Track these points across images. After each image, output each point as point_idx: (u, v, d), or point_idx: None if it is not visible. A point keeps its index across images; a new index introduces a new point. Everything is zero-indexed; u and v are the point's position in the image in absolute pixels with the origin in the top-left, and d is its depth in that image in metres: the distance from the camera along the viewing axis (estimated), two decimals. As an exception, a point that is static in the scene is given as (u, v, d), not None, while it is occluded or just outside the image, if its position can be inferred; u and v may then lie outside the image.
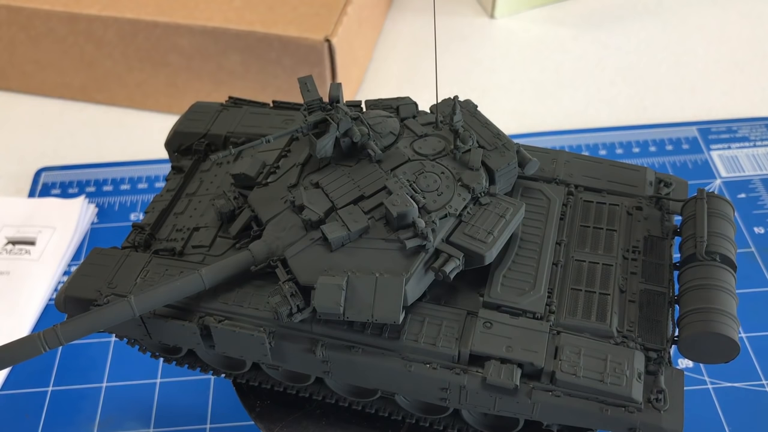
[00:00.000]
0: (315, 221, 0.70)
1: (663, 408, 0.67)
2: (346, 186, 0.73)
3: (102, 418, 0.94)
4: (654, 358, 0.69)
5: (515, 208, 0.72)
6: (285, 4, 1.23)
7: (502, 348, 0.68)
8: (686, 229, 0.77)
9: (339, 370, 0.72)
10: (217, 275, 0.71)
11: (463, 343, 0.68)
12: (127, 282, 0.75)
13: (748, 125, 1.27)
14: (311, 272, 0.68)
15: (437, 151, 0.75)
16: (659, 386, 0.67)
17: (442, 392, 0.70)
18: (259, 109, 0.92)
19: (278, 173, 0.78)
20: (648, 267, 0.76)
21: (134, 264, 0.77)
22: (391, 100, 0.82)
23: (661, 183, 0.83)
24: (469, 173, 0.73)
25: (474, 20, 1.52)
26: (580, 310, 0.71)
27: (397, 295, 0.66)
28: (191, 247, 0.78)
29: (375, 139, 0.75)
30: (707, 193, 0.78)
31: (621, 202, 0.80)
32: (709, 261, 0.72)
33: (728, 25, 1.49)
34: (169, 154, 0.93)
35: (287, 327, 0.71)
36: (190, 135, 0.90)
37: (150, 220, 0.82)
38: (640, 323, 0.72)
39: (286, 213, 0.73)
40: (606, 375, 0.67)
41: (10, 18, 1.26)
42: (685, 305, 0.71)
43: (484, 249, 0.69)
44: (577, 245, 0.77)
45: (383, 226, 0.70)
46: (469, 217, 0.71)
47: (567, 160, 0.84)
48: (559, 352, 0.68)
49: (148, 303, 0.70)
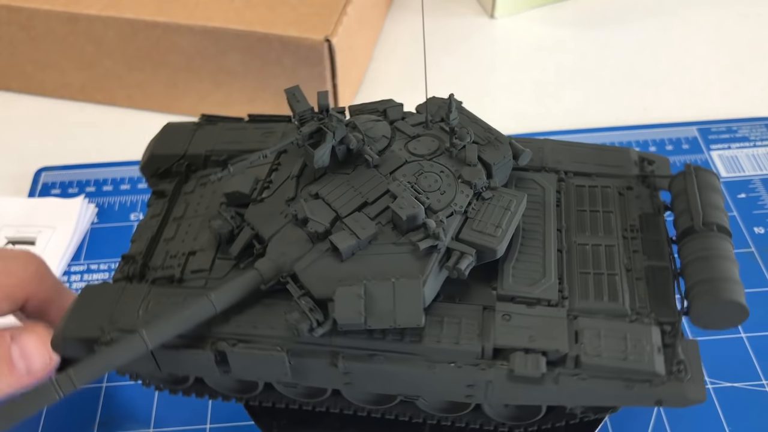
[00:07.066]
0: (321, 233, 0.69)
1: (685, 378, 0.68)
2: (348, 194, 0.72)
3: (102, 418, 0.93)
4: (668, 331, 0.71)
5: (518, 200, 0.73)
6: (285, 4, 1.23)
7: (525, 338, 0.68)
8: (679, 204, 0.78)
9: (361, 380, 0.71)
10: (227, 298, 0.69)
11: (486, 339, 0.68)
12: (129, 315, 0.72)
13: (748, 125, 1.27)
14: (325, 284, 0.67)
15: (432, 150, 0.75)
16: (678, 357, 0.69)
17: (468, 389, 0.70)
18: (235, 125, 0.89)
19: (272, 188, 0.76)
20: (647, 244, 0.77)
21: (133, 296, 0.73)
22: (375, 103, 0.82)
23: (645, 161, 0.84)
24: (469, 169, 0.73)
25: (474, 20, 1.52)
26: (592, 292, 0.72)
27: (416, 298, 0.66)
28: (190, 272, 0.75)
29: (369, 144, 0.74)
30: (694, 167, 0.80)
31: (611, 184, 0.82)
32: (708, 232, 0.74)
33: (728, 25, 1.49)
34: (146, 178, 0.89)
35: (305, 343, 0.69)
36: (167, 157, 0.87)
37: (139, 249, 0.79)
38: (650, 299, 0.73)
39: (288, 227, 0.72)
40: (628, 353, 0.68)
41: (10, 18, 1.26)
42: (692, 277, 0.72)
43: (496, 243, 0.70)
44: (577, 230, 0.78)
45: (391, 231, 0.70)
46: (475, 213, 0.72)
47: (553, 147, 0.85)
48: (580, 336, 0.69)
49: (161, 334, 0.67)
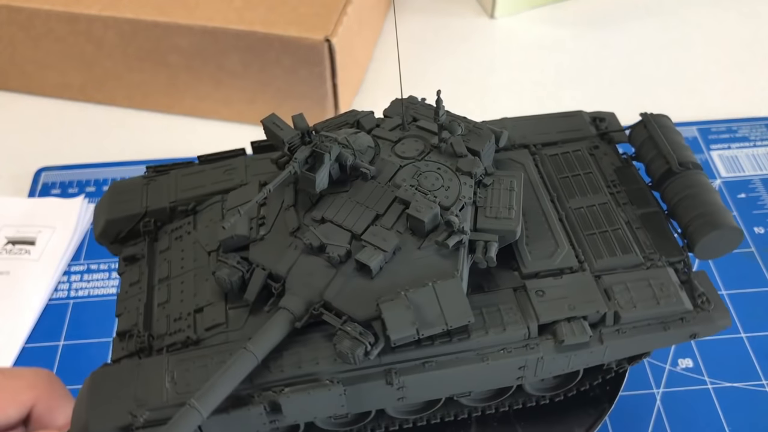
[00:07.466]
0: (343, 255, 0.68)
1: (710, 308, 0.72)
2: (356, 211, 0.71)
3: (102, 418, 0.93)
4: (680, 269, 0.74)
5: (517, 178, 0.75)
6: (285, 4, 1.23)
7: (564, 308, 0.70)
8: (647, 151, 0.83)
9: (414, 391, 0.70)
10: (267, 345, 0.66)
11: (529, 318, 0.70)
12: (157, 392, 0.66)
13: (748, 125, 1.27)
14: (365, 305, 0.66)
15: (421, 150, 0.76)
16: (699, 290, 0.73)
17: (518, 372, 0.71)
18: (191, 170, 0.84)
19: (268, 223, 0.74)
20: (632, 194, 0.81)
21: (153, 370, 0.68)
22: (339, 117, 0.81)
23: (596, 120, 0.88)
24: (464, 160, 0.74)
25: (474, 20, 1.52)
26: (604, 250, 0.75)
27: (460, 295, 0.66)
28: (204, 330, 0.71)
29: (358, 158, 0.73)
30: (650, 114, 0.84)
31: (580, 147, 0.85)
32: (685, 171, 0.79)
33: (728, 25, 1.49)
34: (106, 245, 0.83)
35: (356, 369, 0.67)
36: (125, 219, 0.81)
37: (131, 321, 0.74)
38: (655, 244, 0.76)
39: (302, 258, 0.70)
40: (658, 297, 0.71)
41: (10, 18, 1.26)
42: (685, 215, 0.77)
43: (514, 224, 0.71)
44: (567, 196, 0.80)
45: (411, 237, 0.69)
46: (483, 201, 0.73)
47: (513, 124, 0.87)
48: (610, 293, 0.71)
49: (212, 400, 0.63)
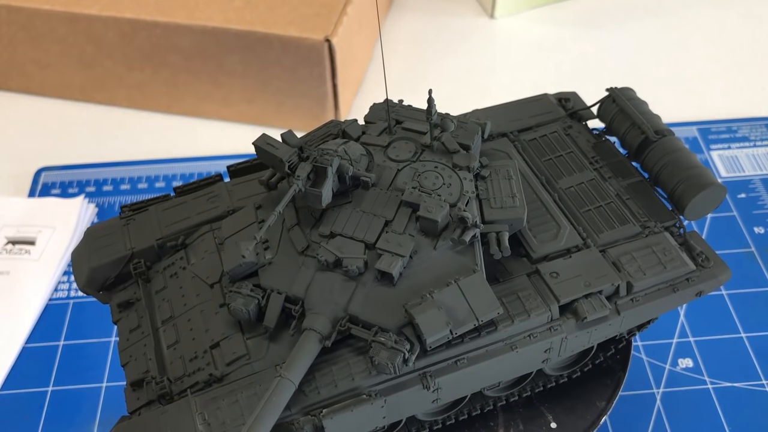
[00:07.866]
0: (362, 267, 0.68)
1: (710, 265, 0.76)
2: (364, 220, 0.70)
3: (102, 418, 0.93)
4: (675, 232, 0.78)
5: (513, 166, 0.76)
6: (285, 4, 1.23)
7: (581, 286, 0.72)
8: (620, 124, 0.86)
9: (448, 391, 0.70)
10: (300, 370, 0.65)
11: (550, 301, 0.71)
12: None
13: (748, 125, 1.27)
14: (392, 314, 0.66)
15: (413, 151, 0.76)
16: (696, 249, 0.76)
17: (545, 354, 0.72)
18: (171, 203, 0.82)
19: (272, 246, 0.72)
20: (614, 167, 0.84)
21: (180, 415, 0.65)
22: (321, 129, 0.80)
23: (562, 100, 0.92)
24: (458, 156, 0.74)
25: (474, 20, 1.52)
26: (603, 224, 0.77)
27: (484, 287, 0.67)
28: (226, 365, 0.69)
29: (355, 167, 0.72)
30: (616, 88, 0.89)
31: (555, 129, 0.87)
32: (662, 138, 0.83)
33: (728, 25, 1.49)
34: (93, 295, 0.81)
35: (391, 379, 0.67)
36: (112, 264, 0.78)
37: (140, 369, 0.71)
38: (647, 211, 0.79)
39: (318, 276, 0.69)
40: (663, 263, 0.74)
41: (10, 18, 1.26)
42: (670, 180, 0.81)
43: (520, 211, 0.72)
44: (555, 178, 0.82)
45: (423, 238, 0.70)
46: (485, 193, 0.73)
47: (486, 115, 0.88)
48: (619, 265, 0.74)
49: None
